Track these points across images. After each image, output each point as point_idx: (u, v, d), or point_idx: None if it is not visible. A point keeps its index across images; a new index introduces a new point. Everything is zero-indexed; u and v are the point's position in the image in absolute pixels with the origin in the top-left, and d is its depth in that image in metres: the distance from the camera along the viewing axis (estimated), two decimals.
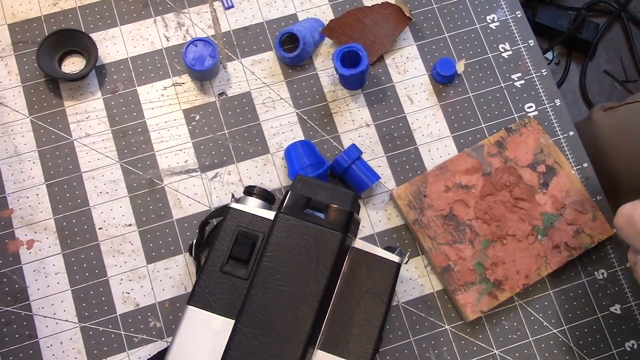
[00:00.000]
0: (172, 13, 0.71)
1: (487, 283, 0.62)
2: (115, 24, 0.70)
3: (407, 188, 0.64)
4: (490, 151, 0.65)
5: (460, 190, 0.64)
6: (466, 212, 0.64)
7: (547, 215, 0.64)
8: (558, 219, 0.64)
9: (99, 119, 0.67)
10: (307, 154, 0.64)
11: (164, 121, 0.67)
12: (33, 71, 0.68)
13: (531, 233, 0.64)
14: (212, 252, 0.55)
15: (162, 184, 0.66)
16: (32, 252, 0.63)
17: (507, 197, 0.64)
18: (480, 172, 0.65)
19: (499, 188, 0.64)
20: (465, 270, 0.62)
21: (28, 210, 0.64)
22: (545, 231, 0.64)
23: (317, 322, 0.52)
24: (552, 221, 0.64)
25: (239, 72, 0.69)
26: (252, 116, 0.68)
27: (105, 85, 0.68)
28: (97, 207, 0.65)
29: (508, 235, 0.63)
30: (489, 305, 0.62)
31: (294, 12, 0.71)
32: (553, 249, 0.63)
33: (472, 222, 0.64)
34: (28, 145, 0.66)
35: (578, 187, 0.65)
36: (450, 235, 0.63)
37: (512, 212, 0.64)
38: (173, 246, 0.64)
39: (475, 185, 0.64)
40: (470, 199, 0.64)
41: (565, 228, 0.64)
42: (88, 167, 0.66)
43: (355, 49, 0.65)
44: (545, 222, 0.64)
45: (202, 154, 0.67)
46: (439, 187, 0.64)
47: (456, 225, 0.64)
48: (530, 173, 0.65)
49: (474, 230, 0.63)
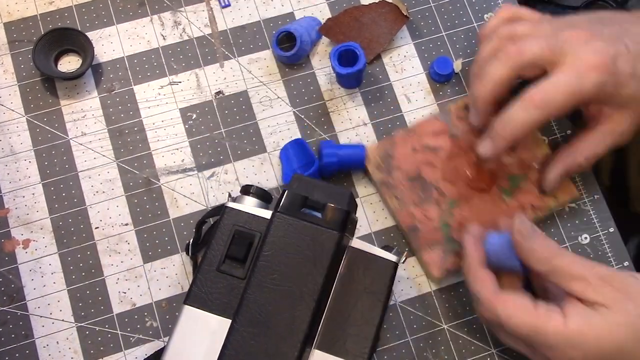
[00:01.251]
0: (169, 12, 0.70)
1: (453, 242, 0.63)
2: (112, 23, 0.70)
3: (375, 150, 0.65)
4: (458, 115, 0.66)
5: (428, 152, 0.65)
6: (433, 173, 0.64)
7: (512, 177, 0.65)
8: (524, 180, 0.64)
9: (95, 118, 0.67)
10: (297, 155, 0.64)
11: (160, 120, 0.67)
12: (29, 70, 0.68)
13: (497, 193, 0.64)
14: (209, 251, 0.55)
15: (158, 183, 0.66)
16: (28, 251, 0.63)
17: (474, 158, 0.64)
18: (448, 134, 0.65)
19: (465, 150, 0.65)
20: (431, 229, 0.63)
21: (24, 209, 0.64)
22: (510, 192, 0.64)
23: (314, 321, 0.52)
24: (517, 182, 0.64)
25: (235, 70, 0.69)
26: (248, 115, 0.68)
27: (101, 84, 0.68)
28: (94, 207, 0.65)
29: (474, 196, 0.64)
30: (455, 264, 0.62)
31: (291, 11, 0.71)
32: (518, 209, 0.64)
33: (438, 183, 0.64)
34: (24, 145, 0.66)
35: (544, 150, 0.65)
36: (416, 196, 0.64)
37: (478, 173, 0.64)
38: (170, 245, 0.64)
39: (442, 147, 0.65)
40: (437, 160, 0.65)
41: (530, 189, 0.64)
42: (84, 167, 0.65)
43: (352, 48, 0.65)
44: (511, 184, 0.64)
45: (198, 153, 0.66)
46: (406, 149, 0.65)
47: (423, 186, 0.64)
48: None
49: (440, 190, 0.64)
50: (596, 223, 0.66)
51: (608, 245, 0.66)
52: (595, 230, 0.66)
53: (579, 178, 0.67)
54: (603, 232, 0.66)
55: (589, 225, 0.66)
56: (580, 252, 0.65)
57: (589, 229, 0.66)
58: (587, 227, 0.66)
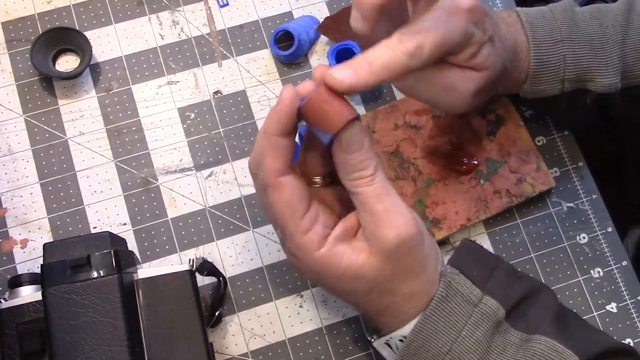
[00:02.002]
0: (167, 11, 0.70)
1: (425, 220, 0.63)
2: (110, 22, 0.70)
3: None
4: None
5: (409, 129, 0.65)
6: (412, 151, 0.65)
7: (491, 161, 0.65)
8: (502, 166, 0.65)
9: (93, 118, 0.67)
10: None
11: (158, 120, 0.67)
12: (27, 69, 0.68)
13: (474, 177, 0.64)
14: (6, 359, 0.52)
15: (156, 183, 0.65)
16: (26, 251, 0.63)
17: (454, 140, 0.65)
18: (431, 114, 0.66)
19: (447, 131, 0.65)
20: None
21: (22, 209, 0.64)
22: (488, 176, 0.65)
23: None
24: (496, 167, 0.65)
25: (234, 70, 0.69)
26: (247, 114, 0.68)
27: (99, 83, 0.68)
28: (92, 206, 0.64)
29: (451, 177, 0.64)
30: None
31: (289, 10, 0.71)
32: (494, 194, 0.64)
33: (417, 161, 0.65)
34: (22, 144, 0.66)
35: (525, 138, 0.66)
36: (393, 171, 0.64)
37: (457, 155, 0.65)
38: (168, 245, 0.64)
39: (424, 126, 0.65)
40: (417, 138, 0.65)
41: (508, 175, 0.65)
42: (82, 166, 0.65)
43: (350, 47, 0.65)
44: (489, 168, 0.65)
45: (197, 153, 0.66)
46: (388, 124, 0.65)
47: (401, 162, 0.64)
48: (479, 120, 0.66)
49: (417, 168, 0.64)
50: (594, 223, 0.66)
51: (606, 244, 0.66)
52: (593, 229, 0.66)
53: (576, 177, 0.67)
54: (601, 232, 0.66)
55: (587, 224, 0.66)
56: (578, 251, 0.65)
57: (587, 228, 0.66)
58: (585, 227, 0.66)
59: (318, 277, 0.52)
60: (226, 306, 0.63)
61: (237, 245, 0.64)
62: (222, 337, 0.62)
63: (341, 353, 0.62)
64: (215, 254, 0.64)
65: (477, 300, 0.51)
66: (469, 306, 0.50)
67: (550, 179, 0.65)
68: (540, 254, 0.65)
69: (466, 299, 0.50)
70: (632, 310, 0.64)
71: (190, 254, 0.64)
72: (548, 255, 0.65)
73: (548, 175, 0.65)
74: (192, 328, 0.54)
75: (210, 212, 0.65)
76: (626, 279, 0.65)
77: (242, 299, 0.63)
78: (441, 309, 0.50)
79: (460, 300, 0.50)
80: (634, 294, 0.65)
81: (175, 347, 0.53)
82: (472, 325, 0.50)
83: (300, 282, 0.63)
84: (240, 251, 0.64)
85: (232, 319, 0.62)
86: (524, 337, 0.51)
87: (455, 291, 0.51)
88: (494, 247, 0.65)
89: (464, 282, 0.51)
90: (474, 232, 0.65)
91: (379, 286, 0.50)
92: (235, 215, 0.65)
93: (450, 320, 0.50)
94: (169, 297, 0.54)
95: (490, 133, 0.66)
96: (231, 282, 0.63)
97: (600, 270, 0.65)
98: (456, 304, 0.50)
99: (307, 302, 0.63)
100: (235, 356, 0.62)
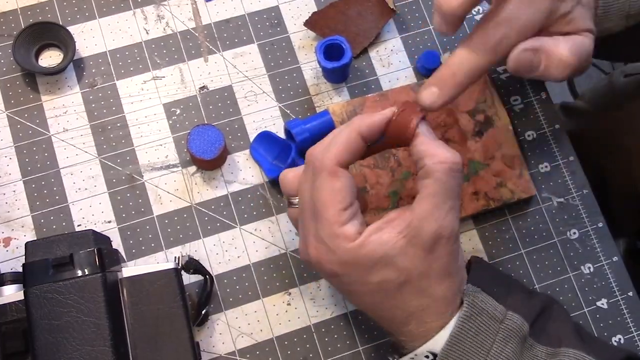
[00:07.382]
0: (152, 5, 0.69)
1: None
2: (94, 17, 0.68)
3: (344, 107, 0.64)
4: None
5: None
6: None
7: (474, 162, 0.64)
8: (484, 169, 0.64)
9: (77, 114, 0.66)
10: (268, 148, 0.64)
11: (143, 116, 0.66)
12: (9, 65, 0.66)
13: None
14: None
15: (142, 180, 0.65)
16: (9, 249, 0.62)
17: (439, 137, 0.63)
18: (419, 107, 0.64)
19: (433, 126, 0.64)
20: (380, 195, 0.63)
21: (5, 207, 0.63)
22: (468, 177, 0.64)
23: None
24: (477, 169, 0.64)
25: (220, 65, 0.68)
26: (233, 110, 0.67)
27: (83, 79, 0.67)
28: (76, 204, 0.63)
29: None
30: None
31: (275, 5, 0.70)
32: (472, 195, 0.64)
33: (397, 152, 0.64)
34: (4, 141, 0.65)
35: (512, 143, 0.65)
36: (373, 160, 0.64)
37: None
38: (154, 243, 0.63)
39: None
40: None
41: (488, 178, 0.64)
42: (66, 163, 0.64)
43: (338, 42, 0.64)
44: (470, 168, 0.64)
45: (182, 149, 0.65)
46: (374, 111, 0.64)
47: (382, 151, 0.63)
48: (467, 119, 0.65)
49: (397, 159, 0.64)
50: (585, 218, 0.66)
51: (597, 240, 0.65)
52: (584, 225, 0.66)
53: (567, 172, 0.67)
54: (592, 227, 0.66)
55: (577, 220, 0.66)
56: (569, 247, 0.65)
57: (578, 224, 0.66)
58: (576, 222, 0.66)
59: (345, 271, 0.51)
60: (213, 304, 0.62)
61: (224, 243, 0.63)
62: (208, 335, 0.61)
63: (329, 351, 0.61)
64: (202, 251, 0.63)
65: (502, 317, 0.50)
66: (495, 323, 0.50)
67: (531, 187, 0.64)
68: (531, 250, 0.65)
69: (491, 316, 0.50)
70: (622, 307, 0.64)
71: (176, 251, 0.63)
72: (538, 251, 0.65)
73: (530, 183, 0.64)
74: (178, 327, 0.53)
75: (196, 209, 0.64)
76: (617, 275, 0.65)
77: (229, 297, 0.62)
78: (467, 328, 0.49)
79: (485, 319, 0.50)
80: (625, 290, 0.64)
81: (160, 347, 0.52)
82: (500, 342, 0.49)
83: (288, 280, 0.63)
84: (227, 249, 0.63)
85: (219, 317, 0.62)
86: (549, 352, 0.51)
87: (480, 309, 0.50)
88: (483, 244, 0.65)
89: (486, 299, 0.51)
90: (463, 228, 0.65)
91: (413, 282, 0.50)
92: (222, 212, 0.64)
93: (478, 339, 0.49)
94: (154, 295, 0.53)
95: (477, 134, 0.65)
96: (218, 280, 0.62)
97: (591, 266, 0.65)
98: (482, 322, 0.50)
99: (295, 300, 0.62)
100: (222, 355, 0.61)
